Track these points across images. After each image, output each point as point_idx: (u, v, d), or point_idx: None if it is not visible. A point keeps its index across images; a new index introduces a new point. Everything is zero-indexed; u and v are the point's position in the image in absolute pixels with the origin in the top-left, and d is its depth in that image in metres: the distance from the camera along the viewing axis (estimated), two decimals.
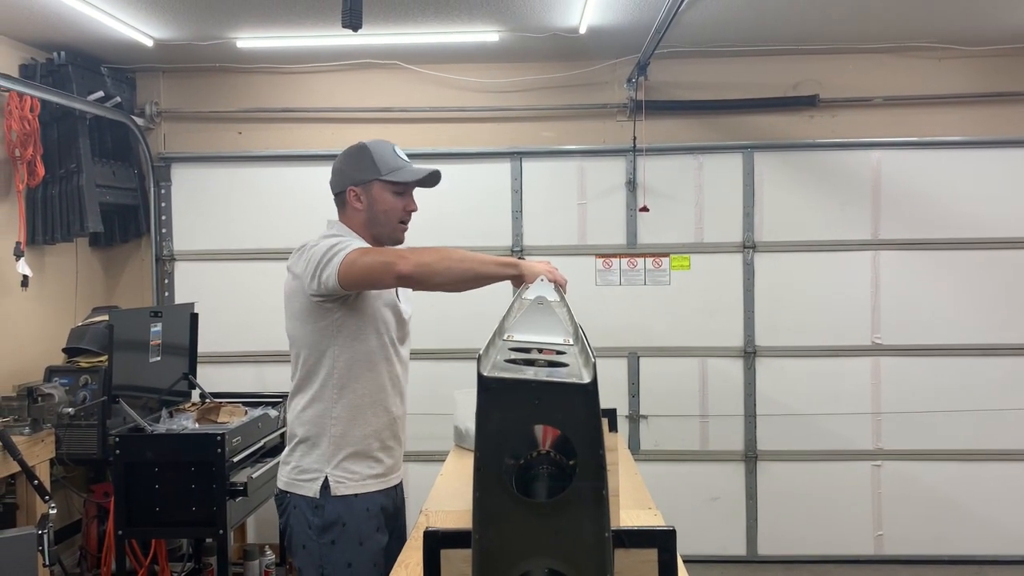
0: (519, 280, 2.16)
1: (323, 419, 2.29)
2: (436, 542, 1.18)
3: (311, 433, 2.30)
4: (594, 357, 1.00)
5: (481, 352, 1.05)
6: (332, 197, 2.41)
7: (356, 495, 2.29)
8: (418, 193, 5.23)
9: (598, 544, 0.88)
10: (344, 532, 2.26)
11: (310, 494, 2.27)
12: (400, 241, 2.40)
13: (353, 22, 2.64)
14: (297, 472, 2.31)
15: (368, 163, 2.33)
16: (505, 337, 1.24)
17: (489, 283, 2.18)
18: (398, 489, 2.48)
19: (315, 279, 2.17)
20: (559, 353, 1.17)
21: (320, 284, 2.16)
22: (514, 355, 1.10)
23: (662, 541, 1.20)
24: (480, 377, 0.91)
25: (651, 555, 1.28)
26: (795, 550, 4.82)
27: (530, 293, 2.11)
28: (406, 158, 2.38)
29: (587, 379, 0.91)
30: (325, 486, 2.27)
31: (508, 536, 0.90)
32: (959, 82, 4.76)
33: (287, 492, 2.33)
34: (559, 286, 2.09)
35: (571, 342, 1.27)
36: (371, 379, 2.31)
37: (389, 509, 2.41)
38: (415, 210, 2.39)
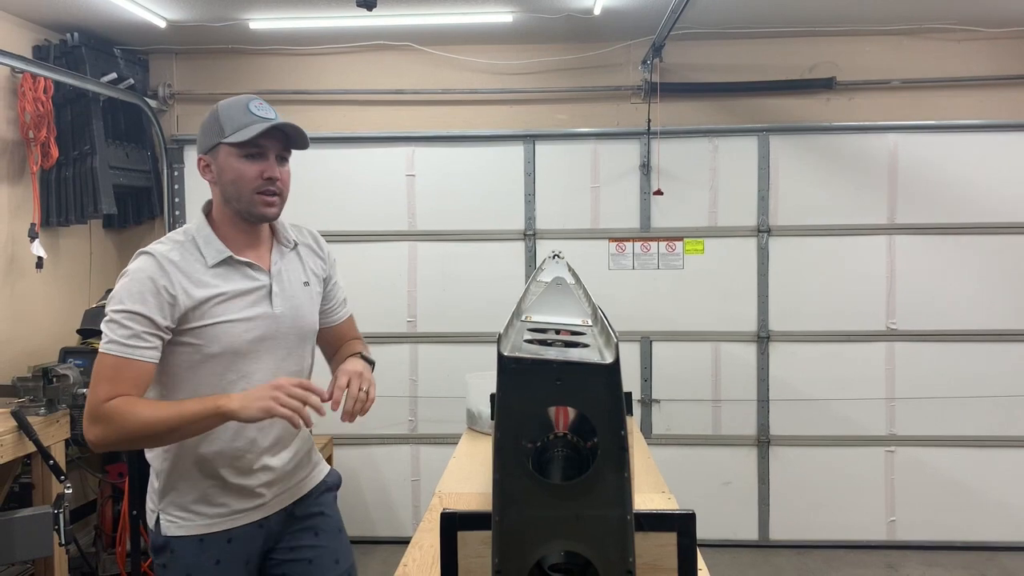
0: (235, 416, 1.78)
1: (154, 450, 1.99)
2: (454, 524, 1.17)
3: (152, 462, 2.01)
4: (616, 338, 0.98)
5: (501, 333, 1.04)
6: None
7: (188, 535, 1.98)
8: (434, 175, 5.08)
9: (620, 527, 0.87)
10: (172, 559, 1.98)
11: (150, 524, 2.03)
12: (268, 217, 1.99)
13: (368, 1, 2.61)
14: (148, 497, 2.06)
15: (214, 125, 1.94)
16: (523, 318, 1.22)
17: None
18: (275, 519, 2.07)
19: None
20: (576, 334, 1.16)
21: None
22: (533, 336, 1.09)
23: (681, 525, 1.18)
24: (500, 358, 0.90)
25: (669, 539, 1.27)
26: (807, 535, 4.81)
27: (546, 275, 2.10)
28: (266, 114, 1.95)
29: (609, 359, 0.90)
30: (157, 523, 2.00)
31: (529, 518, 0.89)
32: (979, 65, 4.70)
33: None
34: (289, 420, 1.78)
35: (590, 323, 1.25)
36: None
37: (256, 541, 2.04)
38: (276, 177, 1.96)
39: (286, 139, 1.98)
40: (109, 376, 1.81)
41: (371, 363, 2.12)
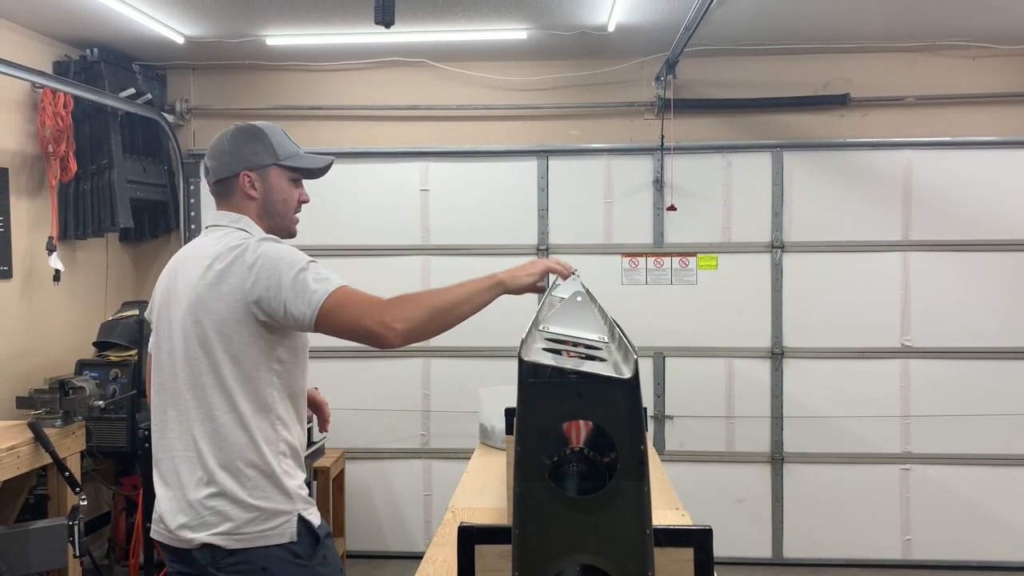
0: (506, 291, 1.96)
1: (274, 444, 1.94)
2: (471, 537, 1.17)
3: (261, 462, 1.91)
4: (636, 353, 0.99)
5: (521, 348, 1.05)
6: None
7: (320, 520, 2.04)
8: (448, 190, 5.15)
9: (640, 541, 0.87)
10: (327, 549, 2.00)
11: (282, 539, 1.90)
12: (294, 233, 2.15)
13: (386, 19, 2.64)
14: (269, 517, 1.90)
15: (266, 146, 2.08)
16: (541, 328, 1.23)
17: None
18: None
19: (282, 305, 1.85)
20: (591, 348, 1.16)
21: (287, 315, 1.85)
22: (550, 345, 1.10)
23: (699, 541, 1.18)
24: (521, 373, 0.91)
25: (685, 555, 1.27)
26: (821, 553, 4.77)
27: (561, 291, 2.10)
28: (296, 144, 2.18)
29: (628, 374, 0.91)
30: (302, 522, 1.94)
31: (549, 532, 0.89)
32: (993, 81, 4.69)
33: (251, 549, 1.89)
34: (560, 275, 2.03)
35: (606, 339, 1.26)
36: (302, 380, 2.06)
37: None
38: (307, 201, 2.19)
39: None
40: (357, 292, 1.87)
41: None
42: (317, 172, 2.20)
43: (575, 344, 1.20)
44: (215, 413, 1.90)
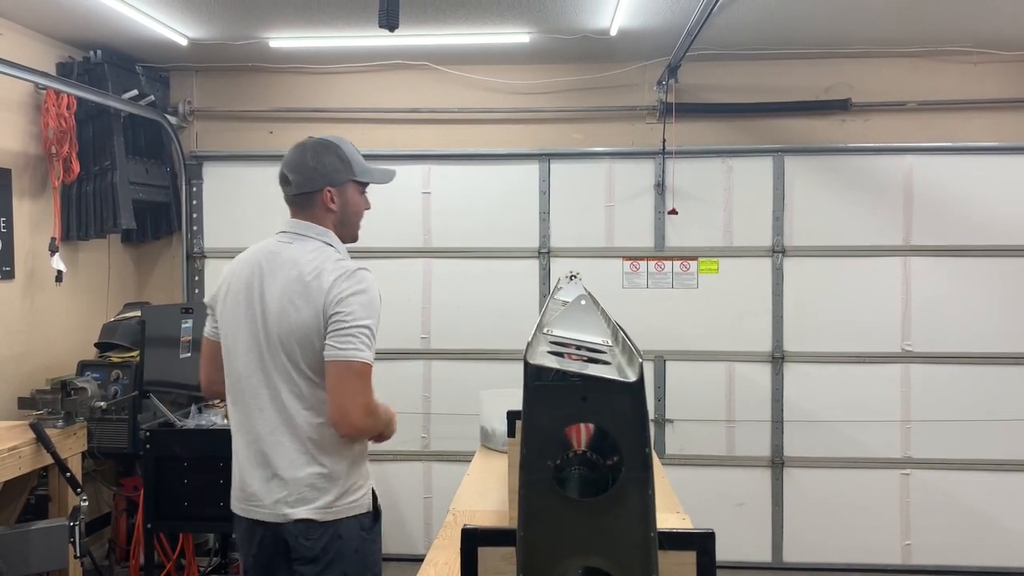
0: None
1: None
2: (475, 540, 1.17)
3: (354, 444, 2.24)
4: (640, 357, 0.99)
5: (527, 351, 1.05)
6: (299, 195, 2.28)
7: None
8: (449, 192, 5.18)
9: (644, 544, 0.88)
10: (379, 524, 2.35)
11: (361, 508, 2.25)
12: (357, 238, 2.38)
13: (390, 22, 2.65)
14: (352, 492, 2.22)
15: (343, 162, 2.28)
16: (547, 333, 1.24)
17: None
18: None
19: (331, 331, 2.09)
20: (595, 352, 1.17)
21: (326, 338, 2.09)
22: (554, 348, 1.10)
23: (701, 544, 1.19)
24: (527, 375, 0.91)
25: (687, 558, 1.27)
26: (821, 558, 4.77)
27: (563, 294, 2.11)
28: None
29: (633, 377, 0.91)
30: (374, 496, 2.30)
31: (554, 534, 0.89)
32: (994, 87, 4.70)
33: (335, 521, 2.19)
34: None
35: (610, 343, 1.26)
36: None
37: None
38: (369, 208, 2.40)
39: None
40: (369, 379, 2.10)
41: None
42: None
43: (579, 347, 1.20)
44: (315, 404, 2.13)
